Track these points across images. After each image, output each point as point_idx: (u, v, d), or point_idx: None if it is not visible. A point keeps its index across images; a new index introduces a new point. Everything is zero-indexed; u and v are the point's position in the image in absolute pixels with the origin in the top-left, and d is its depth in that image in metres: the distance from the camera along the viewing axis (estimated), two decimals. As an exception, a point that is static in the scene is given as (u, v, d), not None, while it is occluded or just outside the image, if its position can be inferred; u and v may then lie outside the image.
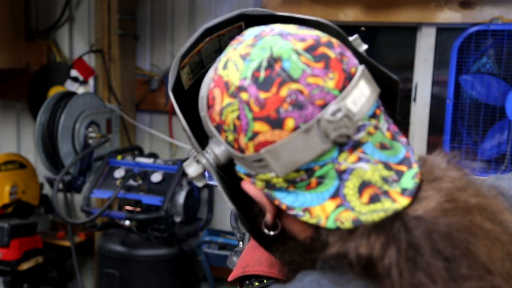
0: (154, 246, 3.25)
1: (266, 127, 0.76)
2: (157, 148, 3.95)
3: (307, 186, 0.78)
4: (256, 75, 0.77)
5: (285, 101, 0.75)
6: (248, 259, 1.02)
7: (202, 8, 3.77)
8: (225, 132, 0.81)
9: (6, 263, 3.50)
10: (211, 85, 0.82)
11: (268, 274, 0.99)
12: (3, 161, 3.67)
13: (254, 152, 0.78)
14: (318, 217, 0.78)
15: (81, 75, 3.74)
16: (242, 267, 1.01)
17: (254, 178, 0.81)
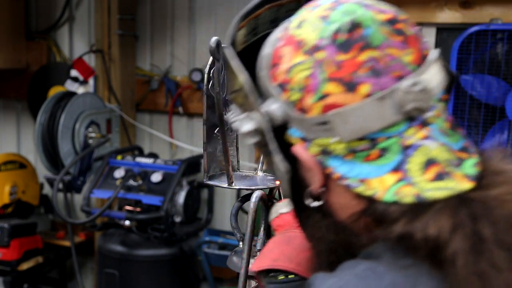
0: (154, 246, 3.25)
1: (339, 89, 0.75)
2: (157, 148, 3.95)
3: (366, 157, 0.77)
4: (335, 37, 0.76)
5: (362, 66, 0.75)
6: (278, 253, 1.01)
7: (202, 8, 3.77)
8: (288, 91, 0.79)
9: (6, 263, 3.50)
10: (279, 44, 0.81)
11: (296, 272, 0.99)
12: (3, 161, 3.67)
13: (320, 114, 0.77)
14: (375, 189, 0.77)
15: (81, 75, 3.74)
16: (271, 260, 1.00)
17: (309, 143, 0.80)
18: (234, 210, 1.16)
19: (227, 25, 3.26)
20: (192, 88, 3.78)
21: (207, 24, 3.77)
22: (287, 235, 1.04)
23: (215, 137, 1.11)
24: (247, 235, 1.05)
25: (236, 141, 1.19)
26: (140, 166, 3.36)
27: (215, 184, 1.12)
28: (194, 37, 3.83)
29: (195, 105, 3.80)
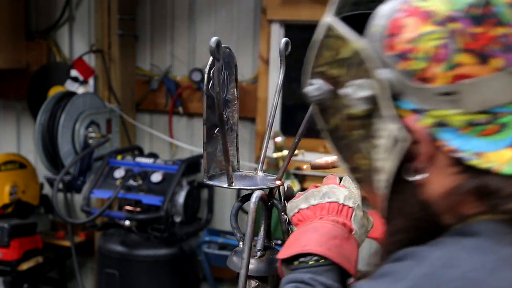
0: (154, 246, 3.25)
1: (472, 60, 0.77)
2: (157, 148, 3.95)
3: (482, 131, 0.78)
4: (470, 10, 0.78)
5: (495, 41, 0.77)
6: (306, 240, 1.01)
7: (202, 8, 3.77)
8: (410, 60, 0.79)
9: (6, 263, 3.50)
10: (398, 15, 0.81)
11: (327, 256, 0.99)
12: (3, 161, 3.67)
13: (448, 84, 0.78)
14: (492, 162, 0.78)
15: (81, 75, 3.74)
16: (300, 246, 1.00)
17: (422, 115, 0.80)
18: (234, 210, 1.16)
19: (227, 25, 3.26)
20: (192, 88, 3.78)
21: (207, 24, 3.77)
22: (312, 225, 1.04)
23: (215, 137, 1.11)
24: (247, 235, 1.04)
25: (236, 141, 1.20)
26: (140, 166, 3.36)
27: (215, 184, 1.12)
28: (194, 37, 3.83)
29: (195, 105, 3.80)
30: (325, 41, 0.88)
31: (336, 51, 0.86)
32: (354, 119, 0.86)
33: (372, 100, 0.82)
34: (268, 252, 1.14)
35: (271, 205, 1.15)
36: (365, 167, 0.88)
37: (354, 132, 0.87)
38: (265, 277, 1.14)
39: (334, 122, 0.91)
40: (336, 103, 0.88)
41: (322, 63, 0.89)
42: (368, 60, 0.82)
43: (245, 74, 3.67)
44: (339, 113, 0.88)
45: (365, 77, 0.82)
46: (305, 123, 1.07)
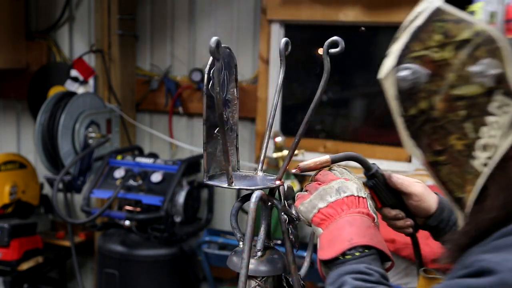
0: (154, 246, 3.25)
1: None
2: (157, 148, 3.95)
3: None
4: None
5: None
6: (348, 234, 1.02)
7: (202, 8, 3.77)
8: None
9: (6, 263, 3.50)
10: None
11: (373, 245, 1.01)
12: (3, 161, 3.67)
13: None
14: None
15: (81, 75, 3.74)
16: (346, 241, 1.02)
17: None
18: (234, 210, 1.16)
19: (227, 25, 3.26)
20: (192, 88, 3.78)
21: (207, 24, 3.77)
22: (345, 220, 1.05)
23: (215, 137, 1.11)
24: (247, 235, 1.04)
25: (236, 141, 1.19)
26: (140, 166, 3.36)
27: (215, 184, 1.12)
28: (194, 37, 3.83)
29: (195, 105, 3.80)
30: (431, 26, 0.91)
31: (446, 34, 0.89)
32: (462, 99, 0.89)
33: (499, 78, 0.86)
34: (268, 252, 1.14)
35: (271, 205, 1.15)
36: (458, 147, 0.92)
37: (458, 112, 0.90)
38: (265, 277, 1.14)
39: (423, 105, 0.93)
40: (433, 86, 0.92)
41: (421, 48, 0.92)
42: (495, 40, 0.86)
43: (245, 74, 3.67)
44: (437, 95, 0.91)
45: (487, 57, 0.86)
46: (305, 123, 1.07)
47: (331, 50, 1.05)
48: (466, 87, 0.89)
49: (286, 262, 1.16)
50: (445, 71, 0.91)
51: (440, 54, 0.90)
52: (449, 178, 0.96)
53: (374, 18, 3.28)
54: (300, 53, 3.65)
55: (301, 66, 3.68)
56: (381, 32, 3.51)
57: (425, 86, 0.92)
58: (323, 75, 1.05)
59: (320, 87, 1.05)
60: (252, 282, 1.13)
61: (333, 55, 1.06)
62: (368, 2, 3.27)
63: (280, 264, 1.14)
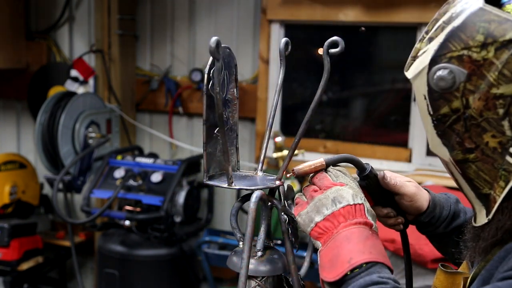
0: (154, 246, 3.25)
1: None
2: (157, 148, 3.95)
3: None
4: None
5: None
6: (346, 253, 1.02)
7: (202, 8, 3.77)
8: None
9: (6, 263, 3.50)
10: None
11: (374, 260, 1.01)
12: (3, 161, 3.67)
13: None
14: None
15: (81, 75, 3.74)
16: (346, 262, 1.01)
17: None
18: (234, 210, 1.16)
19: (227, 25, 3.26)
20: (192, 88, 3.78)
21: (207, 24, 3.77)
22: (342, 236, 1.05)
23: (215, 137, 1.11)
24: (247, 235, 1.04)
25: (236, 141, 1.19)
26: (140, 166, 3.36)
27: (215, 184, 1.11)
28: (194, 37, 3.83)
29: (195, 105, 3.80)
30: (473, 26, 0.92)
31: (489, 34, 0.91)
32: (502, 98, 0.92)
33: None
34: (268, 252, 1.14)
35: (271, 205, 1.15)
36: (492, 144, 0.95)
37: (497, 110, 0.92)
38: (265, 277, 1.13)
39: (457, 104, 0.96)
40: (470, 85, 0.94)
41: (461, 48, 0.93)
42: None
43: (245, 74, 3.67)
44: (473, 94, 0.94)
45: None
46: (305, 123, 1.07)
47: (331, 50, 1.05)
48: (507, 86, 0.91)
49: (286, 262, 1.16)
50: (485, 70, 0.92)
51: (481, 54, 0.92)
52: (477, 175, 0.98)
53: (374, 18, 3.28)
54: (300, 53, 3.65)
55: (301, 66, 3.68)
56: (381, 32, 3.51)
57: (461, 85, 0.94)
58: (323, 75, 1.05)
59: (320, 87, 1.05)
60: (252, 282, 1.13)
61: (333, 55, 1.06)
62: (368, 2, 3.27)
63: (280, 264, 1.14)
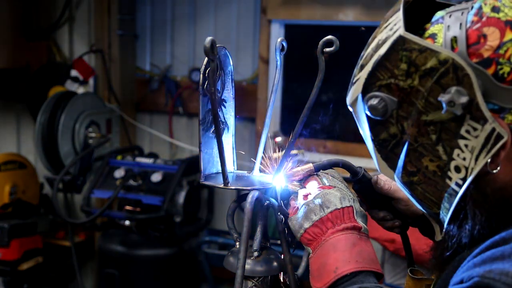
0: (154, 246, 3.25)
1: None
2: (157, 148, 3.95)
3: None
4: None
5: None
6: (332, 262, 1.05)
7: (202, 8, 3.77)
8: (500, 65, 0.89)
9: (6, 263, 3.49)
10: (476, 26, 0.91)
11: (359, 269, 1.03)
12: (3, 161, 3.67)
13: None
14: None
15: (81, 75, 3.74)
16: (332, 272, 1.04)
17: (505, 113, 0.89)
18: (230, 211, 1.16)
19: (227, 25, 3.24)
20: (192, 88, 3.78)
21: (207, 24, 3.77)
22: (329, 244, 1.07)
23: (211, 137, 1.11)
24: (244, 236, 1.04)
25: (232, 141, 1.19)
26: (140, 166, 3.35)
27: (211, 184, 1.11)
28: (194, 37, 3.82)
29: (195, 105, 3.79)
30: (395, 54, 0.92)
31: (411, 63, 0.91)
32: (432, 124, 0.91)
33: (467, 104, 0.87)
34: (265, 252, 1.14)
35: (268, 206, 1.14)
36: (431, 168, 0.95)
37: (429, 136, 0.93)
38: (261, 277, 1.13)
39: (394, 130, 0.96)
40: (402, 112, 0.94)
41: (388, 76, 0.93)
42: (461, 67, 0.87)
43: (245, 74, 3.67)
44: (406, 120, 0.94)
45: (455, 84, 0.87)
46: (300, 124, 1.07)
47: (326, 49, 1.05)
48: (435, 113, 0.91)
49: (282, 262, 1.15)
50: (413, 98, 0.92)
51: (407, 82, 0.92)
52: (424, 196, 0.99)
53: (374, 18, 3.27)
54: (300, 53, 3.64)
55: (301, 66, 3.67)
56: (381, 32, 3.50)
57: (394, 112, 0.95)
58: (318, 75, 1.04)
59: (315, 87, 1.05)
60: (248, 282, 1.13)
61: (330, 54, 1.06)
62: (368, 2, 3.27)
63: (277, 264, 1.14)
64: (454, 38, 0.91)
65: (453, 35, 0.91)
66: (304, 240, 1.10)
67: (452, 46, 0.91)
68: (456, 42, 0.91)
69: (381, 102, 0.94)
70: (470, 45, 0.90)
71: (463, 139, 0.90)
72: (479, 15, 0.92)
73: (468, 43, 0.90)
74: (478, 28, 0.91)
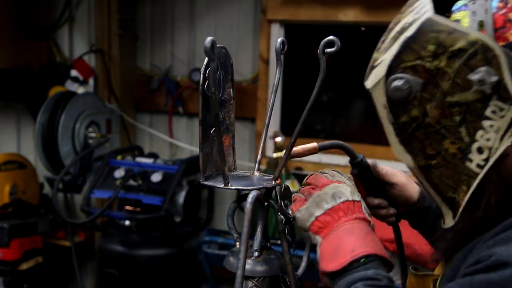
0: (154, 246, 3.25)
1: None
2: (157, 148, 3.95)
3: None
4: None
5: None
6: (349, 245, 1.05)
7: (202, 8, 3.77)
8: None
9: (6, 263, 3.49)
10: (502, 12, 0.96)
11: (375, 253, 1.04)
12: (3, 161, 3.67)
13: None
14: None
15: (81, 75, 3.74)
16: (349, 252, 1.04)
17: None
18: (230, 211, 1.15)
19: (227, 25, 3.25)
20: (192, 88, 3.78)
21: (207, 24, 3.77)
22: (344, 229, 1.07)
23: (211, 137, 1.11)
24: (244, 236, 1.04)
25: (232, 142, 1.19)
26: (140, 166, 3.35)
27: (211, 184, 1.11)
28: (194, 37, 3.83)
29: (195, 105, 3.79)
30: (423, 36, 0.94)
31: (440, 44, 0.93)
32: (457, 105, 0.93)
33: (495, 84, 0.90)
34: (265, 252, 1.14)
35: (268, 206, 1.14)
36: (452, 150, 0.96)
37: (453, 118, 0.94)
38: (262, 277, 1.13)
39: (415, 113, 0.97)
40: (426, 94, 0.95)
41: (414, 58, 0.95)
42: (490, 48, 0.90)
43: (245, 74, 3.67)
44: (430, 102, 0.95)
45: (483, 65, 0.90)
46: (301, 123, 1.07)
47: (327, 49, 1.05)
48: (461, 94, 0.92)
49: (283, 262, 1.15)
50: (438, 79, 0.94)
51: (434, 63, 0.93)
52: (440, 180, 0.99)
53: (374, 18, 3.27)
54: (300, 53, 3.64)
55: (301, 66, 3.67)
56: (381, 32, 3.50)
57: (418, 94, 0.95)
58: (319, 75, 1.04)
59: (316, 87, 1.05)
60: (249, 282, 1.13)
61: (330, 54, 1.06)
62: (368, 2, 3.27)
63: (277, 264, 1.14)
64: (480, 22, 0.95)
65: (480, 19, 0.96)
66: (314, 228, 1.10)
67: (478, 30, 0.95)
68: (483, 26, 0.95)
69: (406, 84, 0.95)
70: (496, 29, 0.94)
71: (488, 119, 0.91)
72: (504, 1, 0.96)
73: (495, 27, 0.94)
74: (504, 13, 0.94)
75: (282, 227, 1.15)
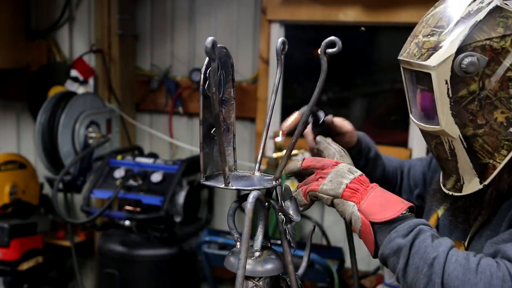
0: (154, 246, 3.25)
1: None
2: (157, 148, 3.95)
3: None
4: None
5: None
6: (396, 198, 1.18)
7: (202, 8, 3.77)
8: None
9: (6, 263, 3.49)
10: None
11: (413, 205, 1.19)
12: (3, 161, 3.67)
13: None
14: None
15: (81, 75, 3.74)
16: (400, 202, 1.17)
17: None
18: (231, 211, 1.15)
19: (227, 25, 3.26)
20: (192, 88, 3.78)
21: (207, 24, 3.77)
22: (377, 191, 1.19)
23: (211, 137, 1.11)
24: (244, 236, 1.04)
25: (233, 141, 1.19)
26: (140, 166, 3.35)
27: (212, 184, 1.11)
28: (194, 37, 3.83)
29: (195, 105, 3.80)
30: (493, 20, 1.12)
31: (507, 27, 1.12)
32: None
33: None
34: (266, 253, 1.14)
35: (268, 206, 1.14)
36: (500, 119, 1.14)
37: (509, 90, 1.12)
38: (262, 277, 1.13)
39: (474, 87, 1.14)
40: (488, 70, 1.13)
41: (484, 38, 1.12)
42: None
43: (245, 74, 3.67)
44: (490, 77, 1.13)
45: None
46: (302, 123, 1.07)
47: (329, 50, 1.05)
48: None
49: (283, 262, 1.15)
50: (501, 57, 1.12)
51: (500, 43, 1.11)
52: (481, 147, 1.17)
53: (374, 18, 3.27)
54: (300, 53, 3.64)
55: (301, 66, 3.67)
56: (381, 32, 3.50)
57: (481, 70, 1.13)
58: (320, 75, 1.04)
59: (317, 87, 1.05)
60: (249, 282, 1.13)
61: (331, 55, 1.06)
62: (368, 2, 3.27)
63: (278, 264, 1.14)
64: None
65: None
66: (347, 194, 1.20)
67: None
68: None
69: (476, 60, 1.12)
70: None
71: None
72: None
73: None
74: None
75: (282, 227, 1.15)
